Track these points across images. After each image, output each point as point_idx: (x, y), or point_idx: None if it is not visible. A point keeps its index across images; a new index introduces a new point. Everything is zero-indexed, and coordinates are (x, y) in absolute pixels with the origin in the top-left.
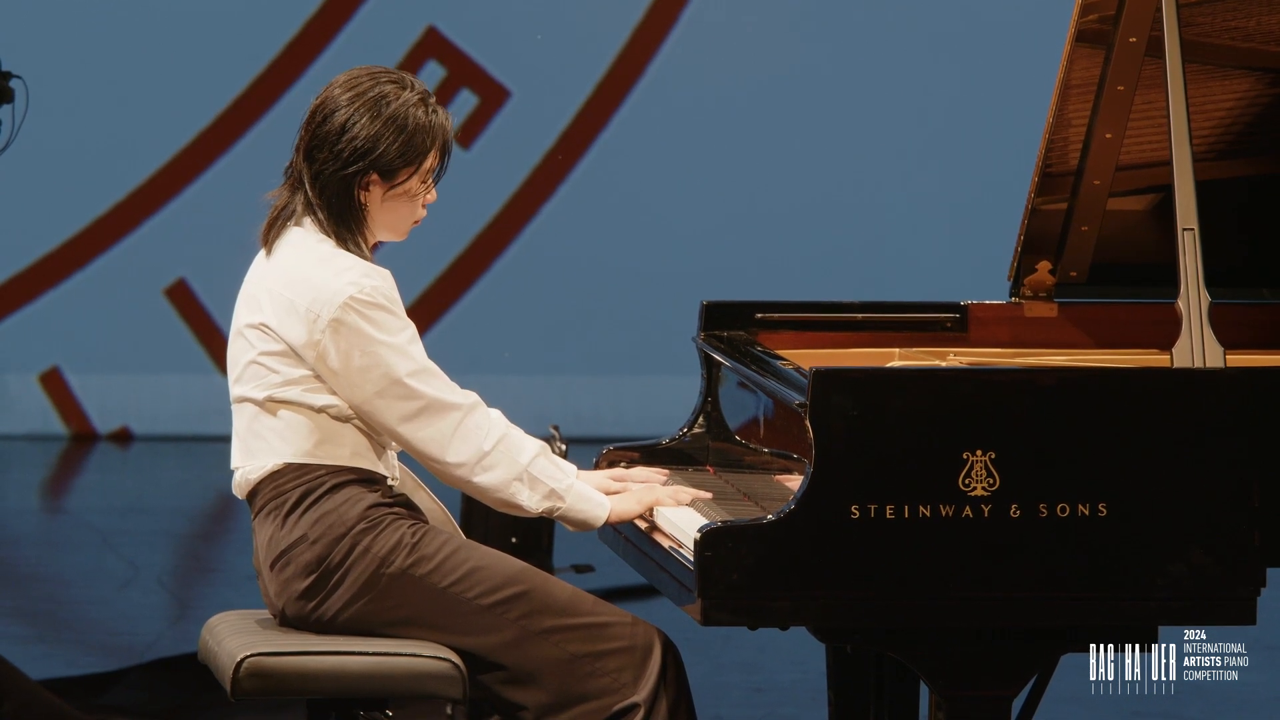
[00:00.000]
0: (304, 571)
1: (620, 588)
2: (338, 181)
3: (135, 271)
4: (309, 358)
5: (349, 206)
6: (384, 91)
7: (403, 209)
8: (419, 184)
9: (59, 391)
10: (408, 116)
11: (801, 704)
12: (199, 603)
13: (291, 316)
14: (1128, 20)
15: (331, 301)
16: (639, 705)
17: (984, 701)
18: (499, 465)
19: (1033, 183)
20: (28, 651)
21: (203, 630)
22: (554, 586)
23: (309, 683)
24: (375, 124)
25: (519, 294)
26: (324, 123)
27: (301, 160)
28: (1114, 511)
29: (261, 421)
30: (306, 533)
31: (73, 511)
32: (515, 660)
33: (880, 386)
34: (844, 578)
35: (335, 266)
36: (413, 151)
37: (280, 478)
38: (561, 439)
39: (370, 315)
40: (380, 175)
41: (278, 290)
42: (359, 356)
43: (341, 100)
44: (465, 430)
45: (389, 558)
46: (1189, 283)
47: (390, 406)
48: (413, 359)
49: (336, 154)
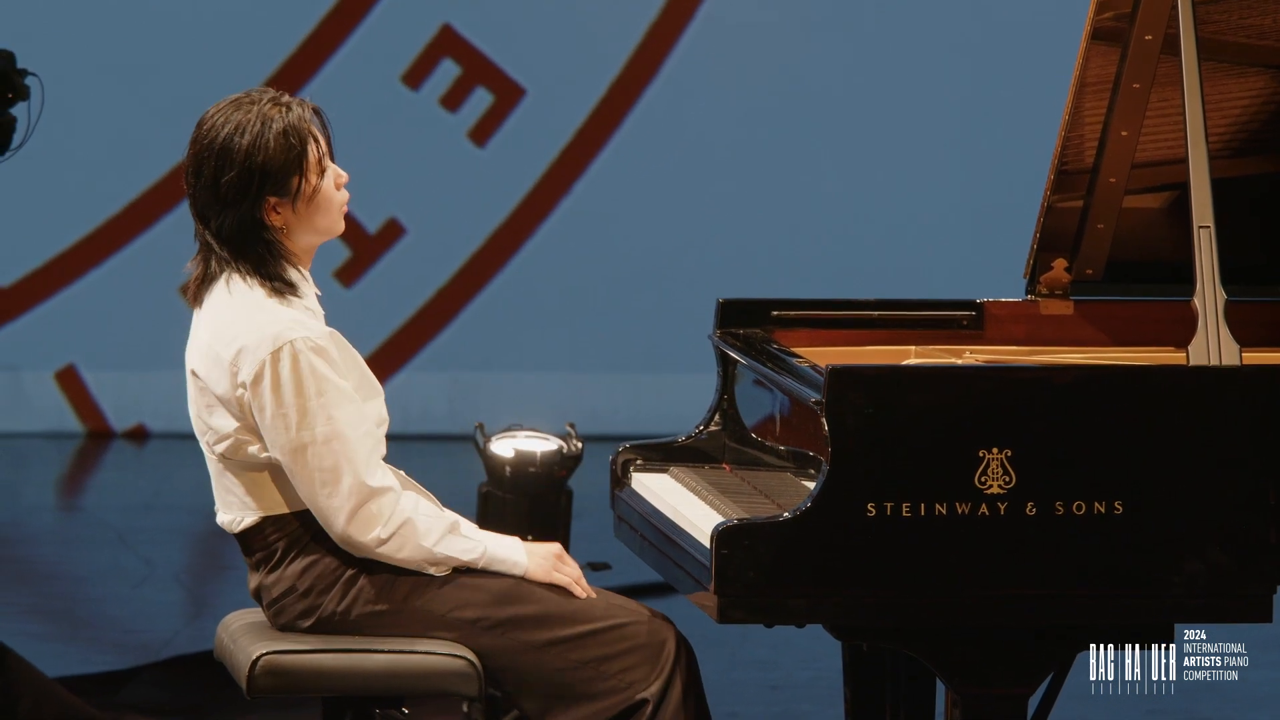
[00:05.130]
0: (300, 616)
1: (637, 585)
2: (240, 225)
3: (151, 269)
4: (234, 411)
5: (260, 242)
6: (235, 121)
7: (320, 207)
8: (317, 178)
9: (75, 389)
10: (267, 128)
11: (818, 701)
12: (215, 600)
13: (216, 367)
14: (1143, 18)
15: (253, 355)
16: (648, 701)
17: (1000, 699)
18: (404, 549)
19: (1049, 180)
20: (44, 649)
21: (219, 628)
22: (553, 598)
23: (325, 681)
24: (242, 154)
25: (534, 291)
26: (198, 178)
27: (198, 223)
28: (1130, 509)
29: (226, 478)
30: (295, 584)
31: (89, 509)
32: (520, 673)
33: (896, 384)
34: (860, 576)
35: (261, 317)
36: (290, 155)
37: (261, 532)
38: (578, 436)
39: (287, 372)
40: (277, 194)
41: (209, 339)
42: (271, 415)
43: (205, 149)
44: (367, 512)
45: (383, 594)
46: (1205, 280)
47: (300, 469)
48: (329, 422)
49: (224, 201)
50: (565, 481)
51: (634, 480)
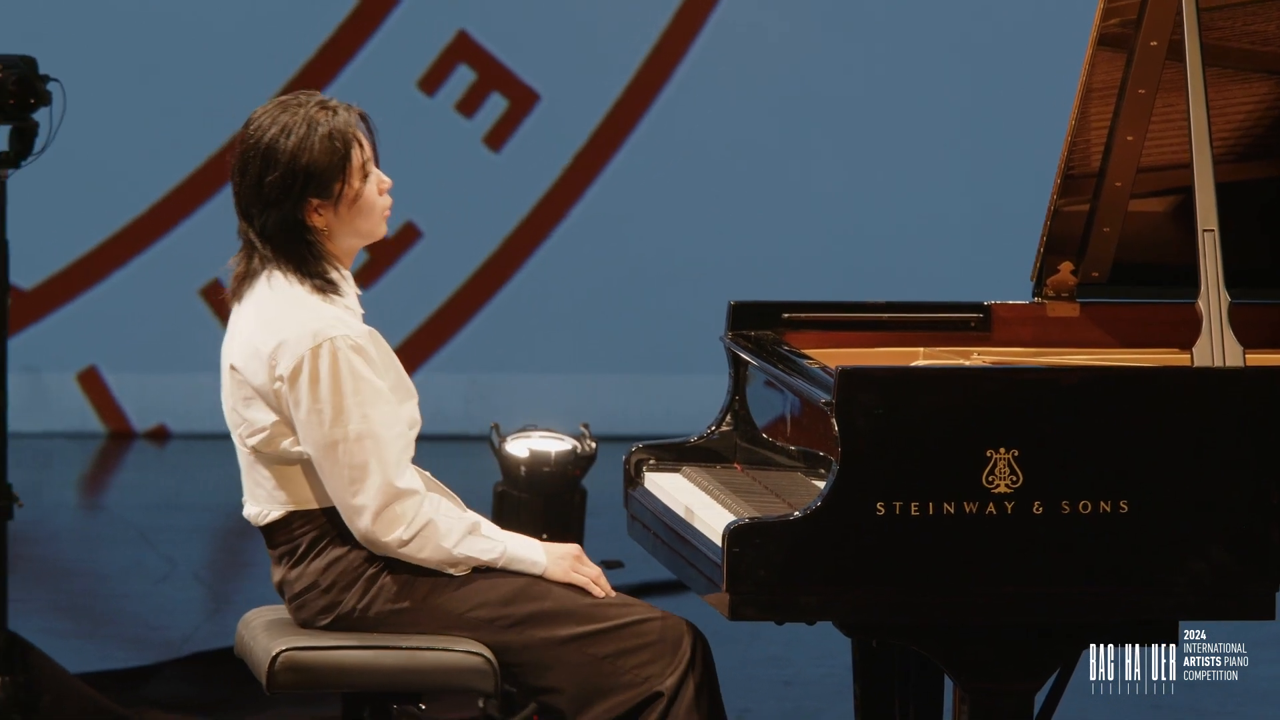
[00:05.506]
0: (321, 613)
1: (650, 583)
2: (282, 224)
3: (171, 272)
4: (270, 404)
5: (303, 242)
6: (282, 123)
7: (362, 210)
8: (360, 182)
9: (97, 390)
10: (313, 131)
11: (828, 697)
12: (235, 597)
13: (255, 360)
14: (1149, 24)
15: (293, 349)
16: (663, 694)
17: (1007, 695)
18: (425, 550)
19: (1055, 184)
20: (66, 645)
21: (239, 625)
22: (569, 596)
23: (344, 677)
24: (287, 155)
25: (549, 294)
26: (243, 176)
27: (242, 221)
28: (1135, 508)
29: (257, 470)
30: (318, 580)
31: (110, 508)
32: (540, 669)
33: (905, 385)
34: (869, 574)
35: (302, 313)
36: (334, 159)
37: (288, 526)
38: (591, 437)
39: (326, 368)
40: (319, 196)
41: (250, 333)
42: (306, 409)
43: (250, 149)
44: (392, 513)
45: (403, 593)
46: (1209, 283)
47: (330, 465)
48: (363, 420)
49: (267, 200)
50: (579, 481)
51: (647, 480)
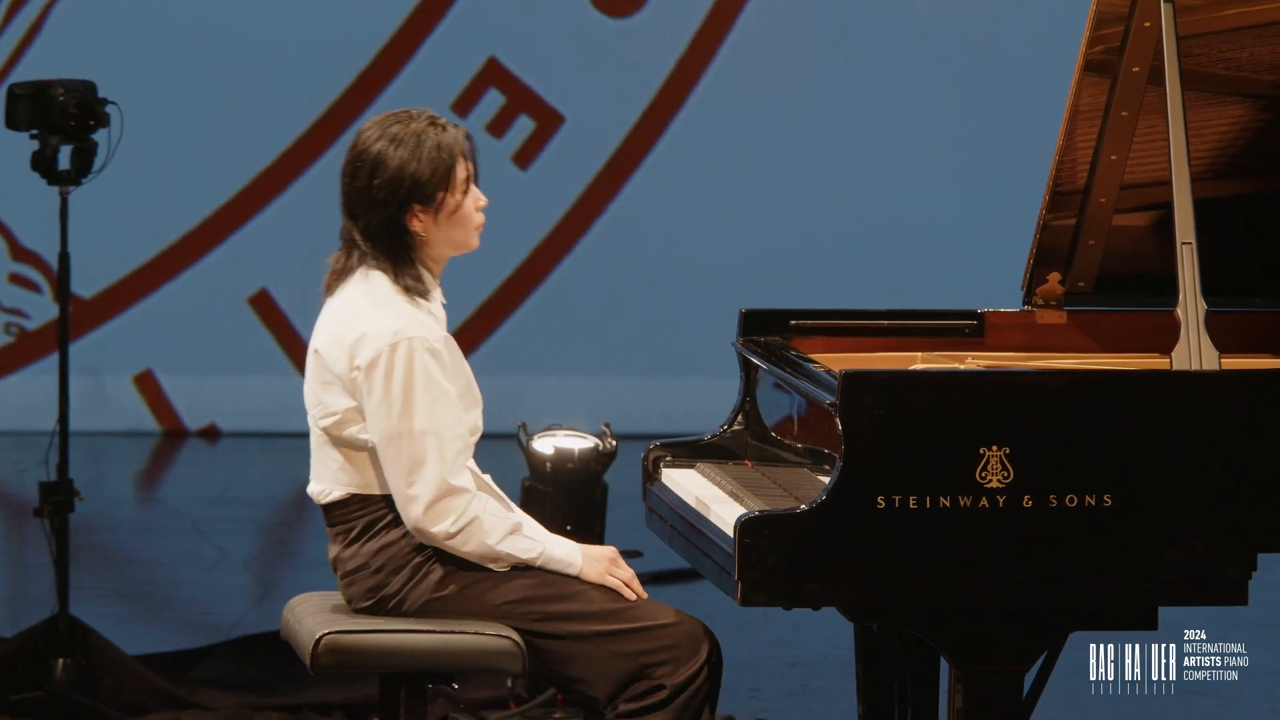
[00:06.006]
0: (366, 594)
1: (667, 571)
2: (384, 226)
3: (221, 282)
4: (347, 390)
5: (402, 244)
6: (393, 133)
7: (457, 223)
8: (461, 195)
9: (152, 392)
10: (422, 143)
11: (832, 677)
12: (281, 584)
13: (337, 348)
14: (1131, 51)
15: (373, 343)
16: (665, 687)
17: (998, 676)
18: (469, 544)
19: (1044, 200)
20: (124, 630)
21: (284, 610)
22: (600, 596)
23: (382, 658)
24: (395, 162)
25: (573, 302)
26: (353, 179)
27: (346, 220)
28: (1119, 502)
29: (326, 450)
30: (369, 561)
31: (165, 501)
32: (563, 660)
33: (904, 387)
34: (871, 562)
35: (387, 312)
36: (440, 170)
37: (346, 506)
38: (612, 435)
39: (401, 364)
40: (421, 204)
41: (336, 323)
42: (377, 400)
43: (361, 155)
44: (444, 506)
45: (444, 582)
46: (1187, 292)
47: (392, 454)
48: (429, 417)
49: (373, 202)
50: (601, 476)
51: (664, 475)
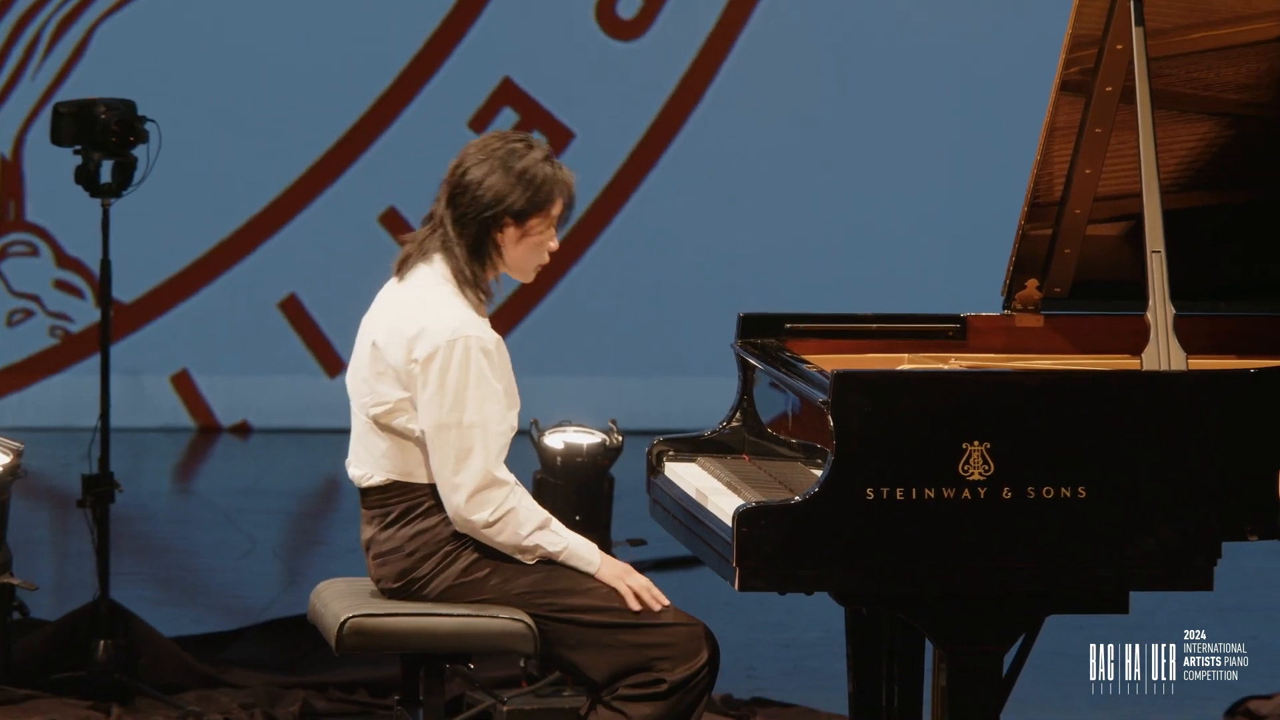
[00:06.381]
0: (396, 576)
1: (669, 558)
2: (477, 223)
3: (253, 288)
4: (402, 381)
5: (484, 244)
6: (513, 149)
7: (531, 250)
8: (546, 228)
9: (188, 390)
10: (536, 170)
11: (824, 658)
12: (308, 571)
13: (396, 340)
14: (1105, 72)
15: (432, 338)
16: (665, 681)
17: (980, 655)
18: (503, 534)
19: (1023, 211)
20: (161, 613)
21: (311, 595)
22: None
23: (403, 640)
24: (509, 176)
25: (581, 306)
26: (464, 175)
27: (445, 206)
28: (1093, 493)
29: (370, 437)
30: (403, 545)
31: (200, 493)
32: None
33: (892, 386)
34: (860, 550)
35: (446, 310)
36: (541, 199)
37: (386, 491)
38: (618, 431)
39: (457, 360)
40: (514, 220)
41: (395, 317)
42: (431, 391)
43: (478, 157)
44: (486, 496)
45: (468, 569)
46: (1157, 297)
47: (440, 444)
48: (479, 411)
49: (475, 199)
50: (608, 470)
51: (666, 469)
